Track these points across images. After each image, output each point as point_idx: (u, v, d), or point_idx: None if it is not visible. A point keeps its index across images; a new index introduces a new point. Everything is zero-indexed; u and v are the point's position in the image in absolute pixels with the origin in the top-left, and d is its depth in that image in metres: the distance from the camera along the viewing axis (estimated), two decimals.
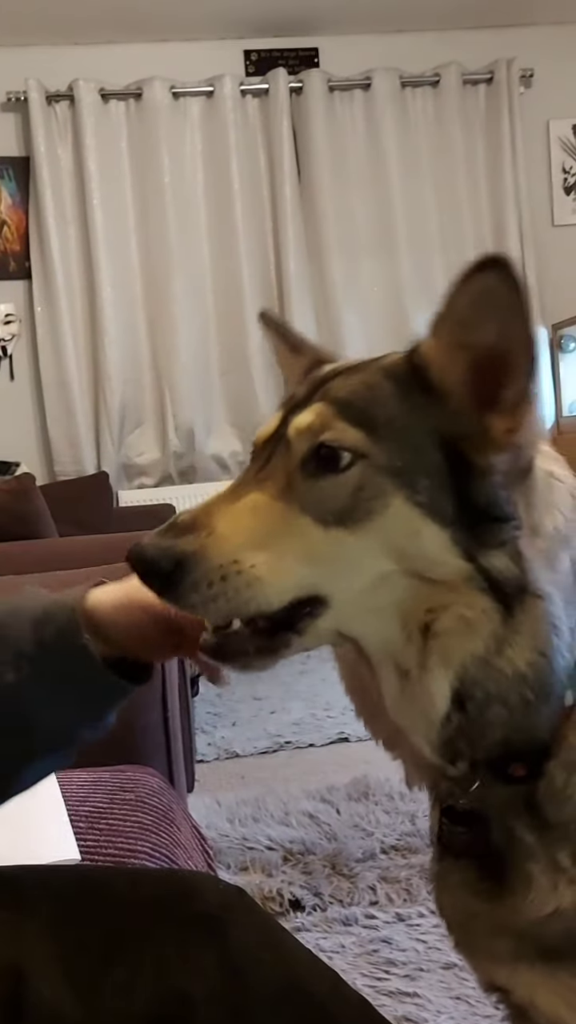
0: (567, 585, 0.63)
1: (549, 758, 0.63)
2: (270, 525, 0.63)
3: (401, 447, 0.62)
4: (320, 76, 4.27)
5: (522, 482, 0.63)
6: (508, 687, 0.61)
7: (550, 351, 4.43)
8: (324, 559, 0.63)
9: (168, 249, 4.19)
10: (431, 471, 0.61)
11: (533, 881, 0.64)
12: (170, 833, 1.06)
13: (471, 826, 0.67)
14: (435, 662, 0.62)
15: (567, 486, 0.66)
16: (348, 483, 0.62)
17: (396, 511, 0.61)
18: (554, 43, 4.42)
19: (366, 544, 0.62)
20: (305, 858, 1.88)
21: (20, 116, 4.19)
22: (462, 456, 0.62)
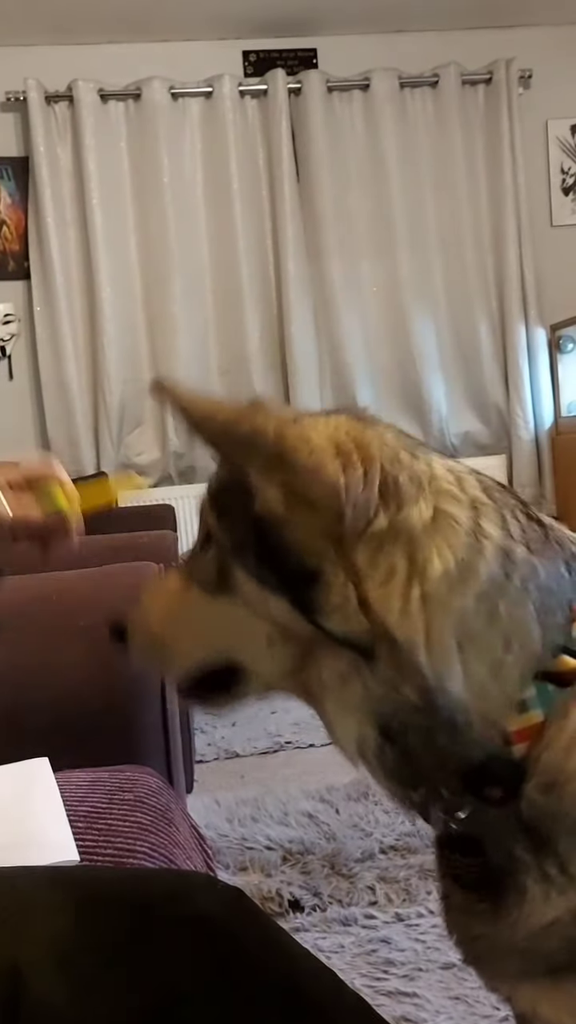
0: (467, 621, 0.63)
1: (524, 779, 0.63)
2: (176, 598, 0.77)
3: (232, 529, 0.70)
4: (319, 77, 4.27)
5: (393, 538, 0.64)
6: (412, 716, 0.64)
7: (549, 352, 4.43)
8: (217, 625, 0.72)
9: (167, 249, 4.19)
10: (252, 547, 0.68)
11: (528, 893, 0.64)
12: (169, 833, 1.06)
13: (468, 852, 0.68)
14: (333, 713, 0.68)
15: (463, 527, 0.65)
16: (211, 559, 0.71)
17: (243, 582, 0.69)
18: (553, 44, 4.43)
19: (243, 609, 0.69)
20: (304, 858, 1.88)
21: (19, 116, 4.19)
22: (264, 538, 0.67)
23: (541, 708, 0.63)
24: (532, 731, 0.63)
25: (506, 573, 0.64)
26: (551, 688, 0.64)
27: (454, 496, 0.66)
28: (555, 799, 0.63)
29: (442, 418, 4.34)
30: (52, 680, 1.32)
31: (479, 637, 0.63)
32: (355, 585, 0.63)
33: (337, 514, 0.63)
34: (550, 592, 0.65)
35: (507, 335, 4.39)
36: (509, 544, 0.65)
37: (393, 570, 0.63)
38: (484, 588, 0.63)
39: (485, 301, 4.41)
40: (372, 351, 4.34)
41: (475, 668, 0.63)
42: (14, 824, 0.99)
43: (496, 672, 0.63)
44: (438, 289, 4.36)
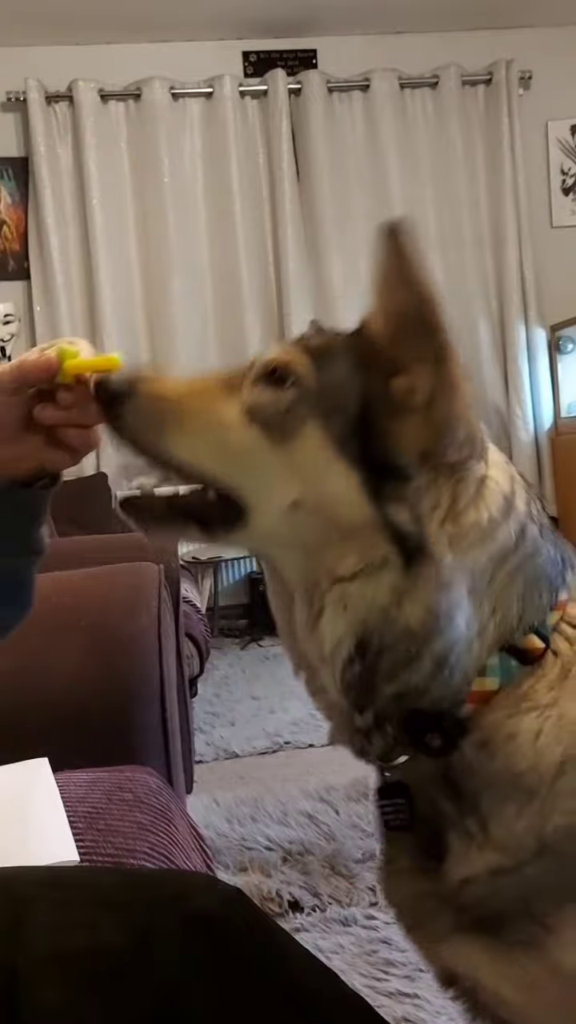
0: (477, 575, 0.67)
1: (464, 735, 0.67)
2: (208, 399, 0.72)
3: (333, 389, 0.69)
4: (319, 77, 4.27)
5: (449, 472, 0.68)
6: (398, 639, 0.66)
7: (548, 352, 4.43)
8: (240, 454, 0.70)
9: (167, 249, 4.19)
10: (349, 418, 0.68)
11: (451, 848, 0.68)
12: (168, 833, 1.06)
13: (397, 797, 0.71)
14: (335, 606, 0.67)
15: (502, 489, 0.70)
16: (282, 400, 0.69)
17: (312, 436, 0.68)
18: (553, 44, 4.43)
19: (280, 460, 0.68)
20: (304, 858, 1.88)
21: (20, 116, 4.20)
22: (375, 413, 0.68)
23: (499, 677, 0.67)
24: (483, 696, 0.67)
25: (516, 544, 0.68)
26: (514, 663, 0.68)
27: (500, 466, 0.72)
28: (486, 756, 0.67)
29: None
30: (52, 680, 1.32)
31: (480, 593, 0.67)
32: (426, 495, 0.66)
33: (444, 431, 0.67)
34: (542, 575, 0.69)
35: (507, 335, 4.39)
36: (527, 522, 0.70)
37: (439, 503, 0.67)
38: (496, 553, 0.68)
39: (485, 301, 4.41)
40: None
41: (471, 620, 0.67)
42: (14, 824, 0.99)
43: (482, 632, 0.67)
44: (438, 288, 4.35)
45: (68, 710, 1.29)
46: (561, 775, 0.65)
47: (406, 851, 0.73)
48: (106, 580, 1.49)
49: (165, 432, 0.71)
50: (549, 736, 0.65)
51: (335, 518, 0.67)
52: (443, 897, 0.69)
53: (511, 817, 0.65)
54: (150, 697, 1.37)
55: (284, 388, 0.69)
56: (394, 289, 0.67)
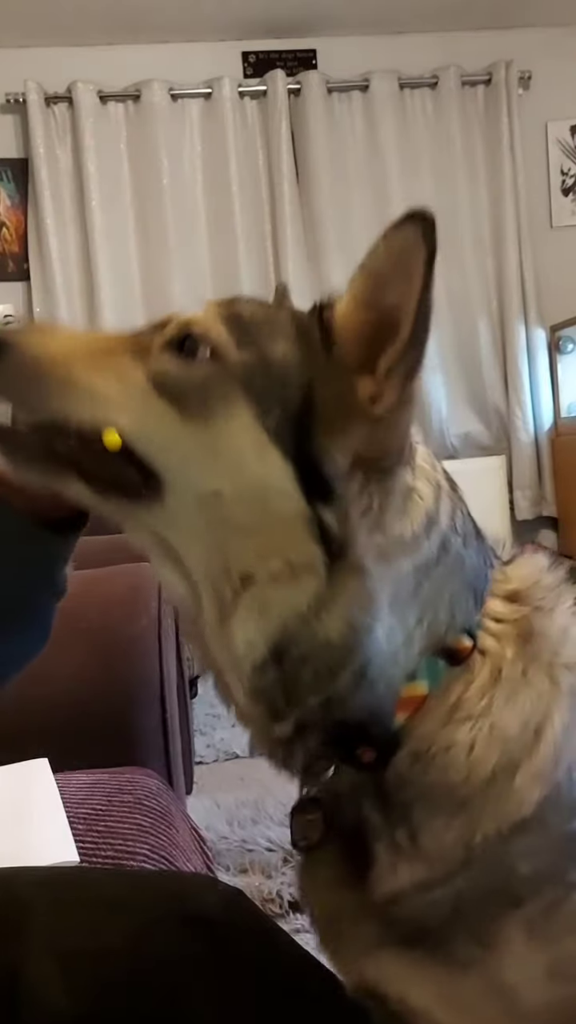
0: (401, 585, 0.64)
1: (398, 747, 0.65)
2: (110, 362, 0.64)
3: (264, 370, 0.63)
4: (318, 78, 4.27)
5: (380, 476, 0.64)
6: (318, 651, 0.62)
7: (548, 353, 4.43)
8: (150, 424, 0.63)
9: (167, 250, 4.19)
10: (286, 406, 0.62)
11: (377, 860, 0.66)
12: (169, 835, 1.06)
13: (315, 811, 0.68)
14: (249, 609, 0.63)
15: (425, 505, 0.66)
16: (194, 373, 0.63)
17: (241, 423, 0.62)
18: (552, 45, 4.43)
19: (199, 442, 0.62)
20: None
21: (19, 118, 4.20)
22: (319, 409, 0.62)
23: (427, 681, 0.65)
24: (414, 702, 0.65)
25: (438, 558, 0.66)
26: (441, 664, 0.66)
27: (427, 476, 0.68)
28: (420, 769, 0.64)
29: (442, 419, 4.34)
30: (52, 681, 1.31)
31: (402, 605, 0.64)
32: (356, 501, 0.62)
33: (385, 441, 0.63)
34: (466, 584, 0.67)
35: (507, 336, 4.39)
36: (450, 535, 0.67)
37: (369, 509, 0.63)
38: (419, 563, 0.65)
39: (485, 302, 4.41)
40: None
41: (392, 632, 0.64)
42: (14, 825, 0.99)
43: (408, 642, 0.65)
44: (438, 290, 4.20)
45: (68, 712, 1.29)
46: (492, 783, 0.63)
47: (325, 863, 0.70)
48: (106, 581, 1.49)
49: (56, 391, 0.63)
50: (482, 747, 0.64)
51: (262, 511, 0.62)
52: (367, 908, 0.67)
53: (441, 828, 0.64)
54: (150, 698, 1.37)
55: (196, 360, 0.63)
56: (393, 283, 0.61)
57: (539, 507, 4.42)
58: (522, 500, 4.39)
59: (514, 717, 0.65)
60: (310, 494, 0.61)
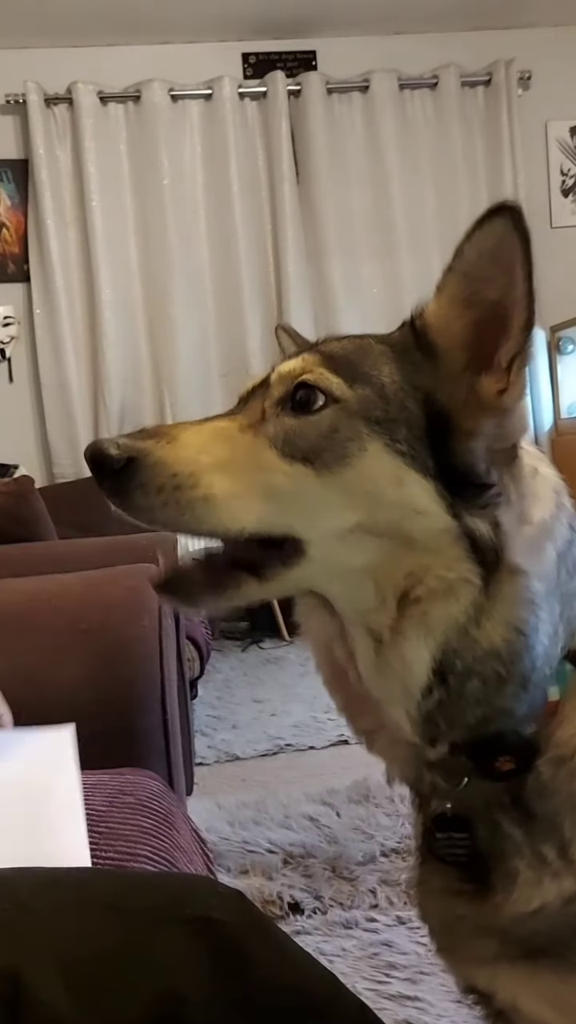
0: (550, 575, 0.62)
1: (537, 755, 0.62)
2: (232, 450, 0.63)
3: (381, 399, 0.62)
4: (318, 78, 4.27)
5: (509, 464, 0.63)
6: (484, 660, 0.60)
7: (548, 353, 4.43)
8: (288, 497, 0.62)
9: (167, 251, 4.19)
10: (412, 425, 0.61)
11: (519, 877, 0.63)
12: (170, 836, 1.06)
13: (465, 830, 0.66)
14: (414, 628, 0.61)
15: (551, 482, 0.66)
16: (320, 424, 0.62)
17: (375, 457, 0.61)
18: (552, 45, 4.43)
19: (336, 489, 0.61)
20: (305, 861, 1.87)
21: (19, 118, 4.20)
22: (446, 417, 0.62)
23: (557, 686, 0.63)
24: (549, 708, 0.63)
25: (570, 540, 0.64)
26: (568, 667, 0.63)
27: (539, 456, 0.68)
28: (566, 776, 0.62)
29: None
30: (52, 682, 1.31)
31: (552, 595, 0.62)
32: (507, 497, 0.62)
33: (513, 430, 0.63)
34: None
35: None
36: (572, 512, 0.66)
37: (509, 501, 0.62)
38: (560, 548, 0.63)
39: None
40: None
41: (547, 628, 0.61)
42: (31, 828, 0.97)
43: (554, 639, 0.62)
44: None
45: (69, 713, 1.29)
46: None
47: (439, 872, 0.68)
48: (107, 583, 1.49)
49: (191, 506, 0.61)
50: None
51: (409, 533, 0.61)
52: (485, 925, 0.65)
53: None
54: (151, 700, 1.36)
55: (316, 409, 0.62)
56: (493, 279, 0.60)
57: None
58: None
59: None
60: (455, 506, 0.60)
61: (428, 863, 0.70)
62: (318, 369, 0.63)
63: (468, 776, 0.64)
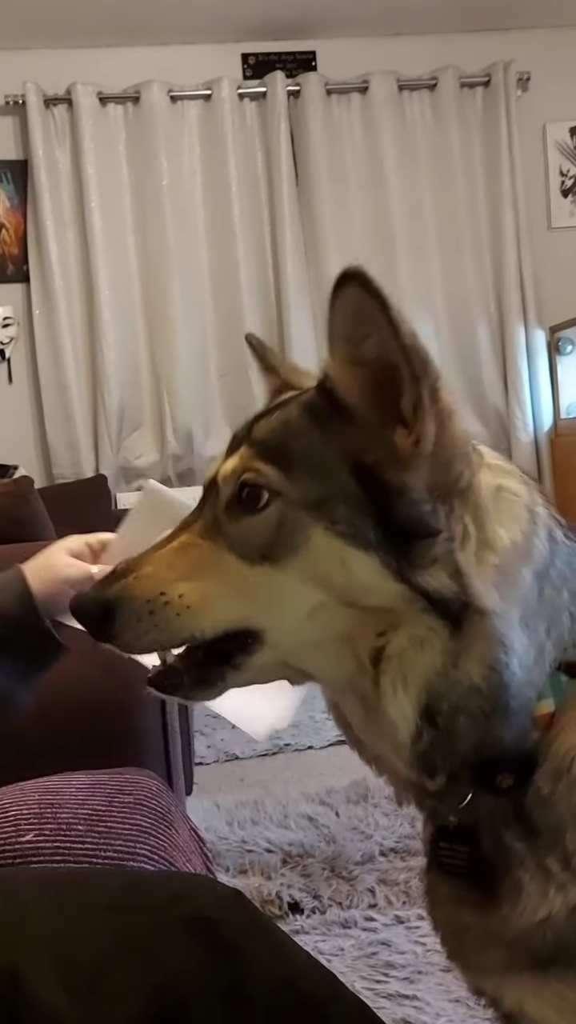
0: (528, 598, 0.62)
1: (535, 768, 0.63)
2: (196, 560, 0.66)
3: (316, 479, 0.63)
4: (317, 79, 4.27)
5: (461, 497, 0.63)
6: (467, 697, 0.61)
7: (548, 354, 4.44)
8: (252, 594, 0.64)
9: (166, 252, 4.19)
10: (348, 498, 0.62)
11: (523, 889, 0.63)
12: (169, 836, 1.06)
13: (467, 843, 0.66)
14: (394, 684, 0.62)
15: (523, 500, 0.65)
16: (268, 520, 0.63)
17: (318, 543, 0.62)
18: (551, 46, 4.43)
19: (293, 578, 0.63)
20: (304, 861, 1.88)
21: (18, 119, 4.20)
22: (376, 477, 0.62)
23: (552, 697, 0.63)
24: (543, 720, 0.63)
25: (552, 554, 0.64)
26: (563, 678, 0.63)
27: (507, 470, 0.66)
28: (564, 789, 0.62)
29: None
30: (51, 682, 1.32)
31: (532, 617, 0.62)
32: (455, 540, 0.61)
33: (451, 463, 0.62)
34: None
35: (506, 337, 4.40)
36: (551, 524, 0.65)
37: (467, 534, 0.62)
38: (538, 567, 0.63)
39: (484, 303, 4.41)
40: None
41: (528, 651, 0.62)
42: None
43: (539, 657, 0.62)
44: (437, 291, 4.36)
45: (68, 713, 1.29)
46: None
47: (445, 880, 0.69)
48: None
49: (167, 624, 0.65)
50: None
51: (367, 603, 0.62)
52: (493, 936, 0.66)
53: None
54: (150, 700, 1.37)
55: (261, 509, 0.63)
56: (366, 338, 0.61)
57: None
58: None
59: None
60: (403, 570, 0.61)
61: (435, 871, 0.71)
62: (255, 464, 0.65)
63: (470, 794, 0.65)
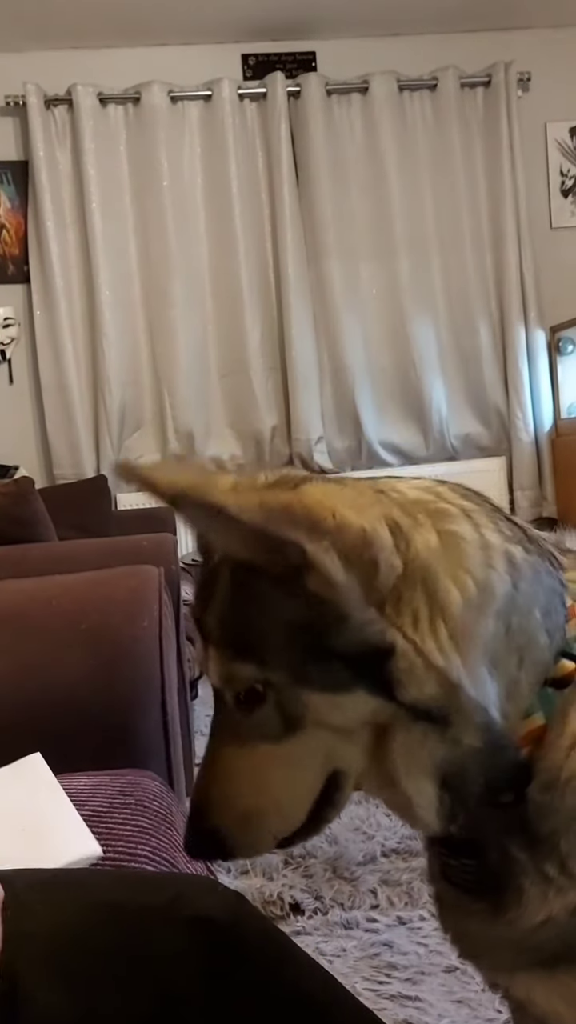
0: (493, 644, 0.62)
1: (530, 781, 0.64)
2: (246, 773, 0.67)
3: (280, 656, 0.63)
4: (318, 80, 4.27)
5: (401, 586, 0.61)
6: (472, 759, 0.63)
7: (548, 354, 4.43)
8: (304, 765, 0.66)
9: (167, 252, 4.19)
10: (308, 656, 0.62)
11: (525, 894, 0.65)
12: (170, 837, 1.06)
13: (474, 857, 0.67)
14: (412, 780, 0.64)
15: (469, 539, 0.63)
16: (272, 705, 0.64)
17: (315, 702, 0.63)
18: (551, 46, 4.43)
19: (314, 737, 0.64)
20: (306, 861, 1.87)
21: (19, 120, 4.20)
22: (315, 627, 0.61)
23: (542, 711, 0.64)
24: (534, 734, 0.64)
25: (514, 583, 0.63)
26: (551, 691, 0.64)
27: (445, 512, 0.64)
28: (557, 797, 0.63)
29: (442, 420, 4.34)
30: (52, 683, 1.31)
31: (500, 659, 0.63)
32: (410, 642, 0.61)
33: (374, 567, 0.60)
34: (550, 591, 0.65)
35: (507, 337, 4.40)
36: (509, 548, 0.64)
37: (417, 616, 0.61)
38: (500, 606, 0.62)
39: (485, 303, 4.41)
40: (372, 353, 4.34)
41: (501, 688, 0.63)
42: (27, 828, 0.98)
43: (512, 691, 0.63)
44: (438, 291, 4.36)
45: (69, 714, 1.29)
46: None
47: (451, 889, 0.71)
48: (107, 583, 1.49)
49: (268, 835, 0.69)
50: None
51: (376, 727, 0.64)
52: (499, 938, 0.67)
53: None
54: (151, 700, 1.36)
55: (262, 698, 0.64)
56: (222, 540, 0.62)
57: (539, 508, 4.42)
58: (522, 501, 4.39)
59: None
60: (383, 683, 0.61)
61: (440, 880, 0.71)
62: (234, 669, 0.64)
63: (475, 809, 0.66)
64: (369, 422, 4.31)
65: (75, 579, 1.50)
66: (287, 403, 4.30)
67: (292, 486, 0.64)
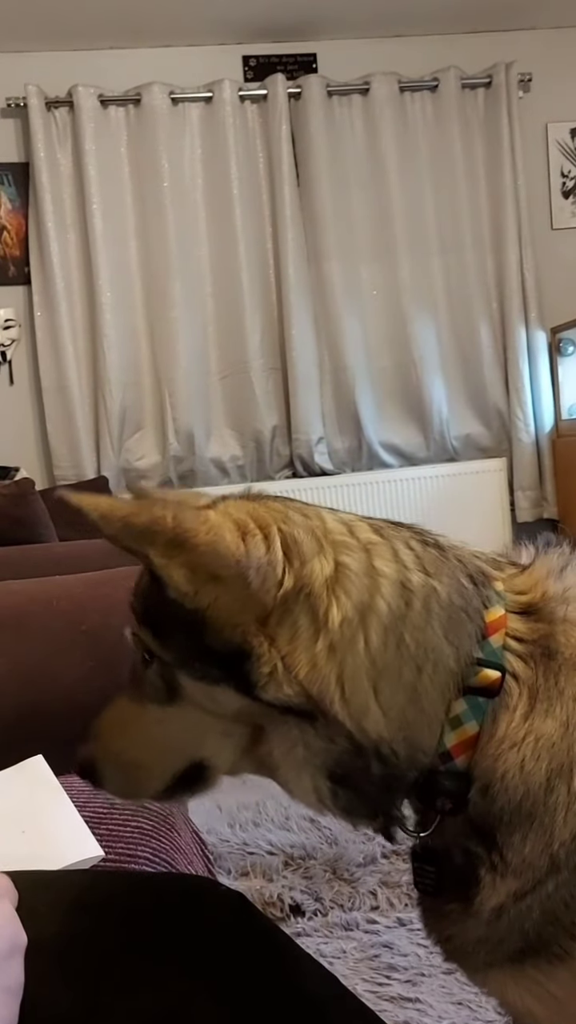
0: (375, 658, 0.68)
1: (469, 787, 0.69)
2: (130, 722, 0.77)
3: (169, 638, 0.72)
4: (319, 81, 4.27)
5: (292, 602, 0.67)
6: (357, 759, 0.68)
7: (548, 354, 4.43)
8: (176, 733, 0.74)
9: (167, 254, 4.19)
10: (187, 644, 0.70)
11: (481, 882, 0.70)
12: (170, 838, 1.06)
13: (433, 863, 0.73)
14: (291, 774, 0.71)
15: (357, 571, 0.69)
16: (157, 672, 0.74)
17: (190, 686, 0.71)
18: (552, 47, 4.43)
19: (190, 714, 0.72)
20: (306, 863, 1.88)
21: (19, 122, 4.20)
22: (191, 624, 0.68)
23: (474, 720, 0.69)
24: (469, 742, 0.69)
25: (406, 602, 0.69)
26: (481, 700, 0.69)
27: (346, 545, 0.71)
28: (490, 799, 0.69)
29: (443, 421, 4.34)
30: (53, 683, 1.31)
31: (391, 669, 0.68)
32: (277, 650, 0.67)
33: (244, 582, 0.66)
34: (455, 607, 0.70)
35: (507, 338, 4.39)
36: (404, 574, 0.70)
37: (297, 628, 0.67)
38: (386, 622, 0.68)
39: (485, 304, 4.41)
40: (372, 354, 4.34)
41: (394, 700, 0.68)
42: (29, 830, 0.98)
43: (413, 698, 0.68)
44: (438, 292, 4.36)
45: (69, 715, 1.29)
46: (551, 791, 0.67)
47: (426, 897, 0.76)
48: (107, 584, 1.49)
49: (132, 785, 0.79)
50: (531, 761, 0.68)
51: (251, 722, 0.71)
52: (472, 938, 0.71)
53: (519, 843, 0.68)
54: None
55: (152, 663, 0.74)
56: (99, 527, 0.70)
57: (540, 509, 4.42)
58: (523, 502, 4.39)
59: (554, 724, 0.68)
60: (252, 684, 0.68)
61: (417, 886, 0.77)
62: (138, 630, 0.76)
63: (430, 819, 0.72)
64: (369, 423, 4.31)
65: (75, 580, 1.50)
66: (287, 404, 4.30)
67: (211, 504, 0.73)
